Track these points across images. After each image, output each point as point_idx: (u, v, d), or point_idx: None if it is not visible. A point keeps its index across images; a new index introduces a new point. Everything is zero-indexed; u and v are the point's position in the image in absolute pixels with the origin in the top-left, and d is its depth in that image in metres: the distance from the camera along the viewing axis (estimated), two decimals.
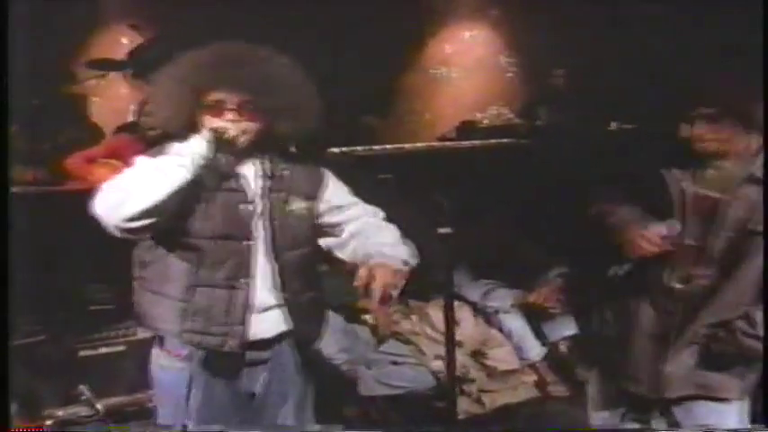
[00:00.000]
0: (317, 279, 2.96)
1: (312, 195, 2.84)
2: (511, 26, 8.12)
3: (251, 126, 2.71)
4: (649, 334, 2.91)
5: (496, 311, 4.89)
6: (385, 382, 4.60)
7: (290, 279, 2.79)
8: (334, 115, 6.59)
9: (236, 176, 2.75)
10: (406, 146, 5.75)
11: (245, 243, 2.72)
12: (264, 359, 2.84)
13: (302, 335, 2.88)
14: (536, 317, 4.95)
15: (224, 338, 2.74)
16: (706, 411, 2.94)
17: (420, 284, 4.97)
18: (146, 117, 5.09)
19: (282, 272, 2.77)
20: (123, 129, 6.00)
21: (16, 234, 2.70)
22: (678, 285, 2.83)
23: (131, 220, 2.56)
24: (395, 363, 4.67)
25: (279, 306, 2.81)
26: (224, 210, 2.71)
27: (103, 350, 4.29)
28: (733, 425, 2.95)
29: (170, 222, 2.64)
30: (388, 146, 5.69)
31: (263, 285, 2.76)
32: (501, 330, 4.85)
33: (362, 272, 2.68)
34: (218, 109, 2.69)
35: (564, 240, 5.34)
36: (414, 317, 4.86)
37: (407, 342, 4.74)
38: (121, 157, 4.91)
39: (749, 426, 3.00)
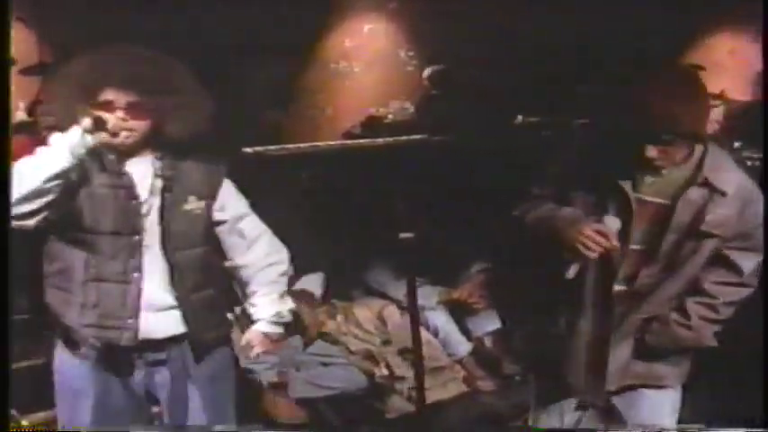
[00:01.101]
0: (215, 279, 3.06)
1: (209, 195, 2.98)
2: (409, 19, 8.30)
3: (140, 125, 2.83)
4: (590, 330, 3.06)
5: (422, 309, 5.04)
6: (316, 383, 4.72)
7: (184, 279, 2.93)
8: (237, 112, 6.69)
9: (125, 174, 2.87)
10: (321, 144, 5.85)
11: (135, 238, 2.84)
12: (161, 360, 2.97)
13: (198, 336, 2.98)
14: (460, 313, 5.15)
15: (119, 332, 2.87)
16: (645, 399, 3.13)
17: (343, 284, 5.15)
18: (43, 116, 5.07)
19: (175, 271, 2.91)
20: (20, 129, 5.90)
21: None
22: (621, 287, 2.99)
23: (17, 204, 2.65)
24: (324, 364, 4.79)
25: (175, 307, 2.94)
26: (113, 206, 2.84)
27: (24, 363, 4.26)
28: (669, 412, 3.16)
29: (61, 214, 2.76)
30: (302, 144, 5.79)
31: (158, 283, 2.90)
32: (427, 327, 5.02)
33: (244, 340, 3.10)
34: (107, 108, 2.79)
35: (484, 236, 5.59)
36: (339, 317, 5.00)
37: (335, 342, 4.88)
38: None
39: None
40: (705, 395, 3.58)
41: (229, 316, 3.22)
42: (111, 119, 2.77)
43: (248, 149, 5.47)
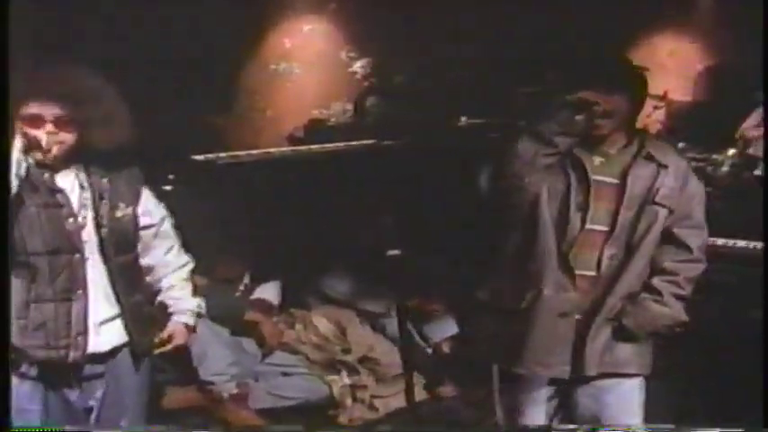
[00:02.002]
0: (142, 280, 3.22)
1: (133, 201, 3.12)
2: (350, 20, 8.40)
3: (68, 138, 2.94)
4: (558, 315, 3.22)
5: (379, 315, 5.21)
6: (276, 393, 4.85)
7: (123, 286, 3.06)
8: (178, 116, 6.74)
9: (59, 191, 2.97)
10: (272, 150, 5.98)
11: (76, 256, 2.95)
12: (100, 373, 3.08)
13: (138, 343, 3.12)
14: (417, 319, 5.31)
15: (66, 351, 2.96)
16: (614, 395, 3.30)
17: (300, 292, 5.27)
18: None
19: (115, 280, 3.04)
20: None
21: None
22: (590, 273, 3.22)
23: None
24: (285, 374, 4.91)
25: (117, 316, 3.07)
26: (50, 224, 2.93)
27: None
28: (637, 399, 3.34)
29: None
30: (253, 151, 5.91)
31: (98, 296, 3.02)
32: (386, 335, 5.17)
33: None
34: (36, 122, 2.88)
35: (441, 241, 5.76)
36: (298, 326, 5.11)
37: (295, 352, 5.00)
38: None
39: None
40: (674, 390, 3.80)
41: None
42: (43, 135, 2.87)
43: (199, 157, 5.58)
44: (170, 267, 3.26)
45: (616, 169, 3.22)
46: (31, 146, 2.82)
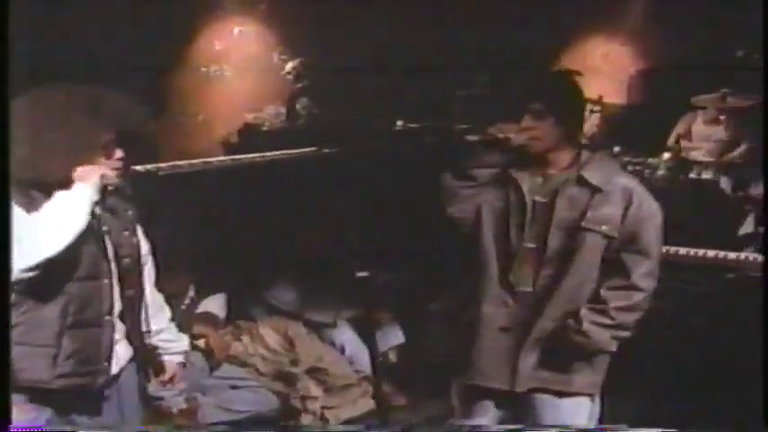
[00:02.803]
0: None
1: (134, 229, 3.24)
2: (281, 22, 8.49)
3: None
4: (499, 329, 3.38)
5: (326, 326, 5.34)
6: (226, 407, 4.93)
7: (129, 314, 3.17)
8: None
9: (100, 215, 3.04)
10: (212, 160, 6.04)
11: (104, 281, 3.03)
12: (107, 395, 3.17)
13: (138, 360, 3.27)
14: (363, 328, 5.46)
15: (94, 377, 3.05)
16: (555, 407, 3.43)
17: (244, 303, 5.37)
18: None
19: (124, 307, 3.13)
20: None
21: None
22: (523, 289, 3.36)
23: (28, 270, 2.80)
24: (234, 387, 5.00)
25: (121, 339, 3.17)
26: (86, 251, 2.98)
27: None
28: (582, 421, 3.48)
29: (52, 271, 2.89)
30: (193, 161, 5.96)
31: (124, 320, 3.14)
32: (333, 345, 5.30)
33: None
34: (108, 150, 2.94)
35: (384, 248, 5.90)
36: (245, 338, 5.21)
37: (243, 364, 5.09)
38: None
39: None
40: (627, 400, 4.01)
41: None
42: (113, 176, 2.98)
43: (139, 168, 5.62)
44: (156, 305, 3.35)
45: (549, 189, 3.35)
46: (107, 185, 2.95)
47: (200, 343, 5.08)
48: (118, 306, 3.09)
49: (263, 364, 5.09)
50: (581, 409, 3.48)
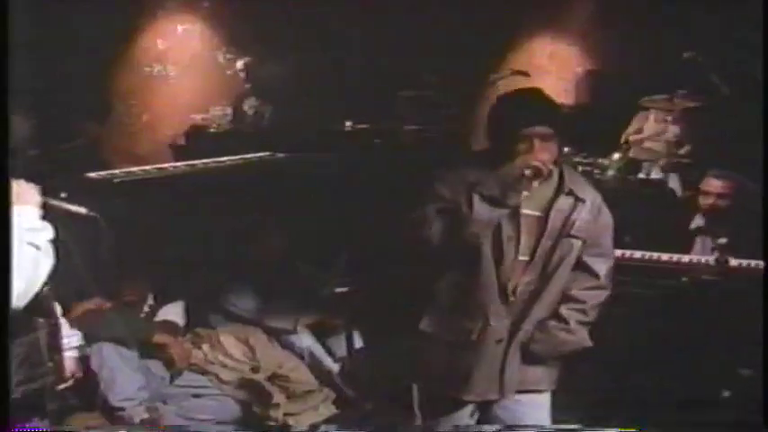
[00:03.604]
0: None
1: None
2: (225, 20, 8.55)
3: None
4: (496, 345, 3.58)
5: (286, 332, 5.47)
6: (188, 416, 5.05)
7: None
8: (55, 124, 6.78)
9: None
10: (166, 166, 6.15)
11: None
12: None
13: None
14: (321, 334, 5.61)
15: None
16: (525, 405, 3.67)
17: (202, 311, 5.48)
18: None
19: None
20: None
21: None
22: (515, 298, 3.57)
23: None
24: (196, 395, 5.13)
25: None
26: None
27: None
28: (545, 414, 3.73)
29: None
30: (147, 167, 6.06)
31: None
32: (293, 351, 5.44)
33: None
34: None
35: (343, 255, 6.07)
36: (205, 346, 5.32)
37: (204, 372, 5.21)
38: None
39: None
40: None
41: None
42: None
43: (92, 174, 5.71)
44: None
45: (540, 202, 3.57)
46: None
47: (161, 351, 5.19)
48: None
49: (225, 372, 5.20)
50: (544, 404, 3.75)
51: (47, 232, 3.00)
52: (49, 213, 3.06)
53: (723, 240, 4.78)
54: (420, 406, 3.87)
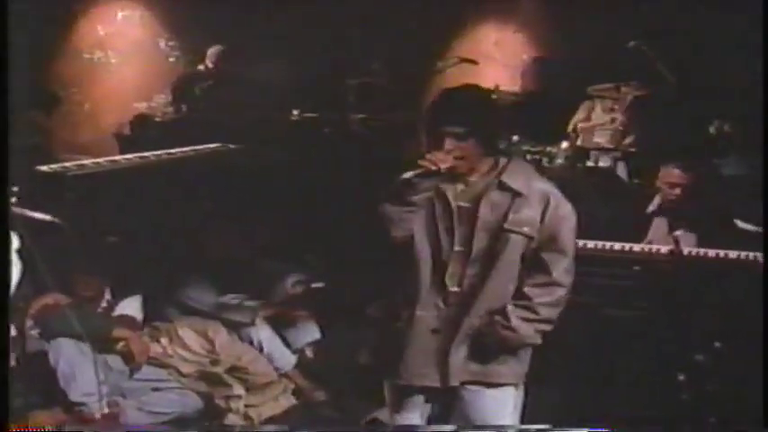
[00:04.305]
0: None
1: None
2: (167, 7, 8.61)
3: None
4: (431, 331, 3.72)
5: (244, 325, 5.60)
6: (148, 409, 5.16)
7: None
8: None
9: None
10: (118, 159, 6.22)
11: None
12: None
13: None
14: (280, 326, 5.76)
15: None
16: (485, 398, 3.79)
17: (158, 304, 5.59)
18: None
19: None
20: None
21: None
22: (454, 288, 3.71)
23: None
24: (156, 389, 5.23)
25: None
26: None
27: None
28: (509, 409, 3.86)
29: None
30: (100, 160, 6.13)
31: None
32: (252, 343, 5.58)
33: None
34: None
35: (298, 247, 6.22)
36: (164, 339, 5.43)
37: (164, 366, 5.32)
38: None
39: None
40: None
41: None
42: None
43: (44, 168, 5.77)
44: None
45: (472, 195, 3.70)
46: None
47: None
48: None
49: (185, 365, 5.31)
50: (507, 399, 3.85)
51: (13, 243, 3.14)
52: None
53: (679, 232, 4.99)
54: (386, 392, 3.97)
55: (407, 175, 3.58)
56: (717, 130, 6.97)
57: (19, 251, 3.17)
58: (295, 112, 7.92)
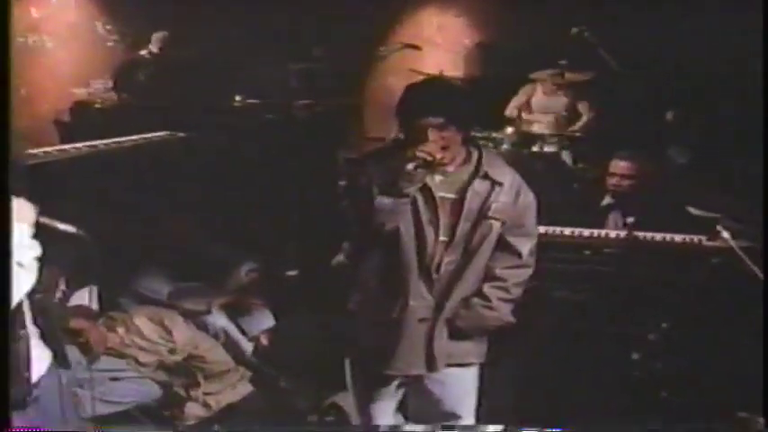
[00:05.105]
0: None
1: None
2: None
3: None
4: (419, 320, 3.97)
5: (200, 313, 5.79)
6: (107, 399, 5.30)
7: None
8: None
9: None
10: (67, 147, 6.33)
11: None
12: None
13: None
14: (235, 314, 5.96)
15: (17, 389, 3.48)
16: (453, 376, 4.07)
17: (111, 294, 5.74)
18: None
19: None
20: None
21: None
22: (437, 277, 3.95)
23: None
24: (115, 378, 5.39)
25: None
26: None
27: None
28: (474, 384, 4.17)
29: None
30: (48, 149, 6.23)
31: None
32: (208, 331, 5.77)
33: None
34: None
35: (251, 235, 6.41)
36: (120, 329, 5.58)
37: (122, 356, 5.47)
38: None
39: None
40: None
41: None
42: None
43: None
44: None
45: (456, 186, 3.93)
46: None
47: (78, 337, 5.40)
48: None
49: (143, 355, 5.46)
50: (470, 377, 4.16)
51: (34, 250, 3.30)
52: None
53: (631, 219, 5.29)
54: (350, 381, 4.23)
55: (408, 166, 3.77)
56: (674, 117, 7.30)
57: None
58: (238, 98, 8.06)
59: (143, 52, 8.27)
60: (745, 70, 6.54)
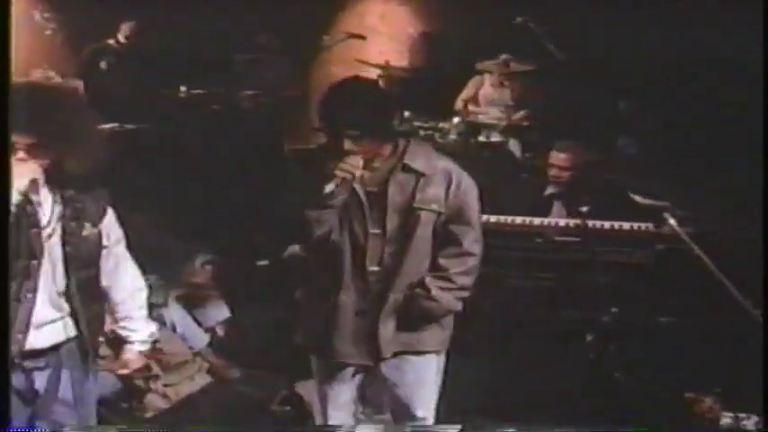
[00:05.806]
0: (102, 295, 3.97)
1: (98, 221, 3.84)
2: None
3: (40, 164, 3.60)
4: (355, 313, 4.17)
5: (157, 305, 5.98)
6: None
7: (81, 296, 3.77)
8: None
9: (33, 203, 3.61)
10: None
11: (33, 262, 3.62)
12: (41, 366, 3.76)
13: (85, 341, 3.88)
14: (191, 305, 6.17)
15: (13, 345, 3.62)
16: (409, 364, 4.26)
17: None
18: None
19: (72, 288, 3.74)
20: None
21: None
22: (373, 268, 4.14)
23: None
24: None
25: (60, 318, 3.77)
26: (19, 231, 3.58)
27: None
28: (432, 374, 4.35)
29: None
30: None
31: (45, 300, 3.70)
32: (164, 324, 5.97)
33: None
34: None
35: (206, 227, 6.62)
36: None
37: None
38: None
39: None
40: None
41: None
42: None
43: None
44: (125, 292, 3.96)
45: (377, 179, 4.12)
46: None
47: None
48: (47, 286, 3.67)
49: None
50: (431, 364, 4.35)
51: None
52: None
53: (585, 208, 5.58)
54: (315, 366, 4.40)
55: (328, 188, 3.98)
56: (624, 107, 7.62)
57: None
58: (183, 89, 8.20)
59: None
60: (700, 57, 6.89)
